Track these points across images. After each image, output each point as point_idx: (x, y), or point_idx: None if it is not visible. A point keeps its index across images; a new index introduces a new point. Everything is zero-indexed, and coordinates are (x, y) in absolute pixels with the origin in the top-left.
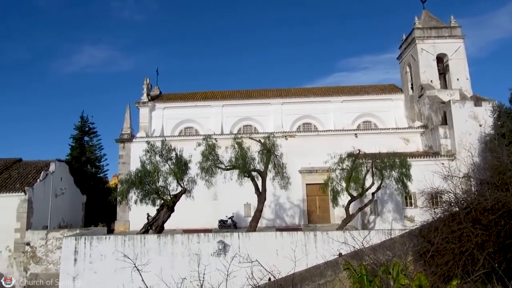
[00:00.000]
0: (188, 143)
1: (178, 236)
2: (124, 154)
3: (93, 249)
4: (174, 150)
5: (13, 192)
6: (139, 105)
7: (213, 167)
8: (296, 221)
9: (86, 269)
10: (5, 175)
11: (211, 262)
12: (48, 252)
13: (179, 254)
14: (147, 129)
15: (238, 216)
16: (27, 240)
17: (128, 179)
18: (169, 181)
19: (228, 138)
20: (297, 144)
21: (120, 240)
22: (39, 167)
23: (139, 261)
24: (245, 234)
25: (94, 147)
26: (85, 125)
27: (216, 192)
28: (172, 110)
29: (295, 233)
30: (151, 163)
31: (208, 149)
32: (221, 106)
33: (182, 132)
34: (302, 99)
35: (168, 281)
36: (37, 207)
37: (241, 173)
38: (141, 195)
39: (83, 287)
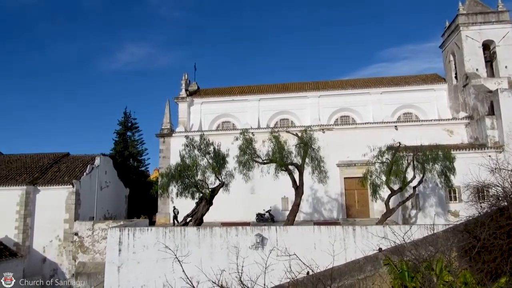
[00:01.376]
0: (225, 137)
1: (216, 228)
2: (164, 148)
3: (136, 240)
4: (212, 144)
5: (62, 184)
6: (178, 101)
7: (250, 161)
8: (334, 215)
9: (130, 259)
10: (54, 168)
11: (249, 254)
12: (95, 242)
13: (218, 246)
14: (186, 124)
15: (276, 209)
16: (75, 230)
17: (168, 172)
18: (207, 175)
19: (265, 132)
20: (334, 137)
21: (161, 231)
22: (85, 161)
23: (180, 253)
24: (283, 228)
25: (136, 141)
26: (128, 121)
27: (254, 185)
28: (209, 105)
29: (334, 227)
30: (190, 157)
31: (245, 143)
32: (258, 100)
33: (220, 127)
34: (339, 91)
35: (208, 272)
36: (84, 199)
37: (278, 167)
38: (181, 188)
39: (127, 276)
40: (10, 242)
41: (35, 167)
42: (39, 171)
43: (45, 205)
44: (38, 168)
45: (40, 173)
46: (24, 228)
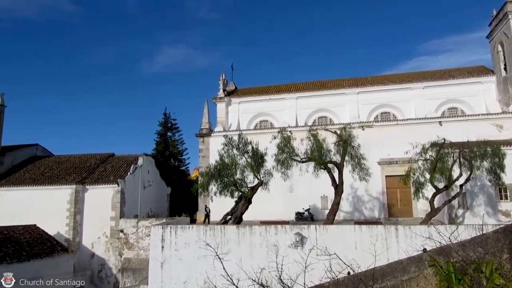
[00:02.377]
0: (263, 136)
1: (256, 227)
2: (204, 148)
3: (178, 237)
4: (250, 143)
5: (108, 184)
6: (216, 101)
7: (288, 159)
8: (375, 214)
9: (172, 256)
10: (101, 168)
11: (289, 253)
12: (139, 239)
13: (257, 245)
14: (224, 124)
15: (315, 208)
16: (121, 227)
17: (207, 172)
18: (246, 173)
19: (303, 130)
20: (375, 134)
21: (202, 229)
22: (129, 161)
23: (220, 250)
24: (322, 227)
25: (176, 141)
26: (168, 121)
27: (292, 184)
28: (247, 104)
29: (375, 226)
30: (229, 157)
31: (283, 141)
32: (295, 99)
33: (258, 126)
34: (379, 87)
35: (248, 270)
36: (128, 198)
37: (317, 165)
38: (220, 187)
39: (170, 272)
40: (61, 238)
41: (83, 167)
42: (87, 171)
43: (93, 203)
44: (86, 168)
45: (88, 173)
46: (74, 225)
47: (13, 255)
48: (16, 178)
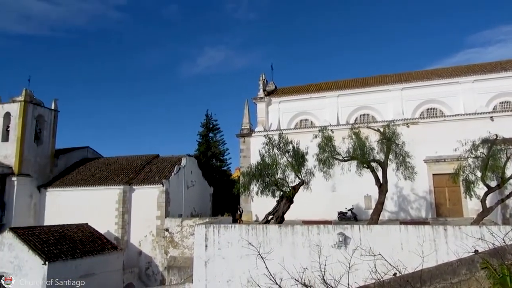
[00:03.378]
0: (304, 135)
1: (298, 227)
2: (245, 148)
3: (220, 236)
4: (291, 142)
5: (153, 184)
6: (256, 101)
7: (330, 158)
8: (422, 214)
9: (215, 254)
10: (146, 169)
11: (332, 253)
12: (183, 237)
13: (300, 245)
14: (264, 123)
15: (358, 208)
16: (166, 226)
17: (249, 171)
18: (287, 173)
19: (344, 129)
20: (420, 131)
21: (244, 229)
22: (173, 161)
23: (262, 249)
24: (366, 227)
25: (218, 142)
26: (209, 122)
27: (335, 183)
28: (287, 103)
29: (422, 227)
30: (270, 156)
31: (324, 140)
32: (336, 96)
33: (298, 125)
34: (424, 82)
35: (290, 270)
36: (173, 198)
37: (359, 164)
38: (262, 187)
39: (213, 271)
40: (111, 237)
41: (130, 168)
42: (133, 172)
43: (139, 203)
44: (132, 169)
45: (135, 174)
46: (122, 224)
47: (68, 252)
48: (69, 179)
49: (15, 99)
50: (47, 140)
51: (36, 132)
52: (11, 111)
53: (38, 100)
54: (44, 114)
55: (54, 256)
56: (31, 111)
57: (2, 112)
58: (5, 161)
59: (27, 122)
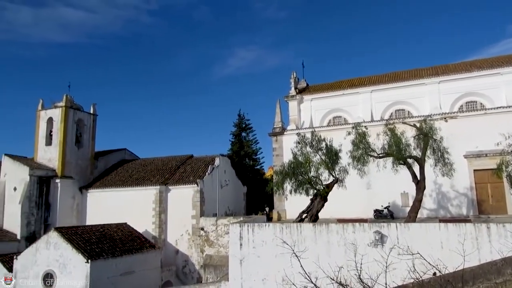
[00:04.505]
0: (337, 133)
1: (332, 225)
2: (277, 146)
3: (255, 235)
4: (323, 140)
5: (188, 184)
6: (288, 99)
7: (364, 155)
8: (463, 211)
9: (250, 253)
10: (181, 169)
11: (368, 252)
12: (218, 236)
13: (335, 243)
14: (296, 122)
15: (395, 206)
16: (201, 225)
17: (282, 170)
18: (320, 171)
19: (379, 125)
20: (459, 126)
21: (278, 227)
22: (206, 161)
23: (297, 248)
24: (404, 225)
25: (250, 141)
26: (242, 122)
27: (370, 181)
28: (319, 101)
29: (463, 224)
30: (302, 154)
31: (358, 137)
32: (370, 92)
33: (331, 122)
34: (463, 74)
35: (325, 268)
36: (207, 197)
37: (395, 161)
38: (295, 185)
39: (249, 269)
40: (149, 235)
41: (165, 169)
42: (168, 172)
43: (175, 202)
44: (167, 170)
45: (170, 174)
46: (159, 223)
47: (108, 251)
48: (108, 180)
49: (56, 105)
50: (87, 143)
51: (76, 135)
52: (54, 116)
53: (78, 105)
54: (84, 118)
55: (96, 255)
56: (72, 116)
57: (45, 118)
58: (49, 164)
59: (68, 126)
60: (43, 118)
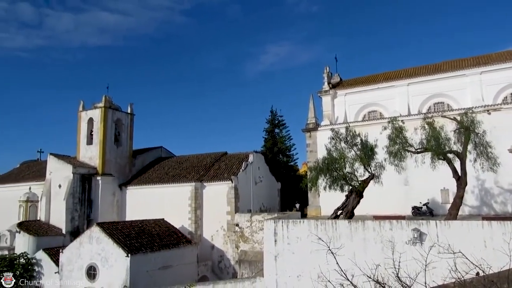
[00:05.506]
0: (372, 128)
1: (369, 222)
2: (311, 142)
3: (289, 231)
4: (358, 135)
5: (223, 181)
6: (321, 94)
7: (401, 150)
8: (508, 209)
9: (285, 249)
10: (215, 166)
11: (406, 250)
12: (253, 232)
13: (371, 240)
14: (330, 117)
15: (434, 202)
16: (236, 221)
17: (316, 166)
18: (355, 167)
19: (417, 119)
20: (504, 118)
21: (313, 224)
22: (240, 158)
23: (332, 245)
24: (444, 223)
25: (284, 138)
26: (275, 118)
27: (407, 177)
28: (353, 95)
29: (509, 222)
30: (337, 150)
31: (395, 132)
32: (406, 85)
33: (366, 117)
34: (508, 64)
35: (362, 266)
36: (242, 193)
37: (434, 156)
38: (329, 181)
39: (283, 266)
40: (185, 231)
41: (200, 166)
42: (203, 169)
43: (210, 199)
44: (202, 167)
45: (205, 171)
46: (195, 219)
47: (147, 246)
48: (145, 177)
49: (96, 106)
50: (125, 142)
51: (115, 135)
52: (94, 116)
53: (116, 105)
54: (122, 118)
55: (136, 249)
56: (111, 116)
57: (86, 118)
58: (90, 162)
59: (108, 126)
60: (84, 118)
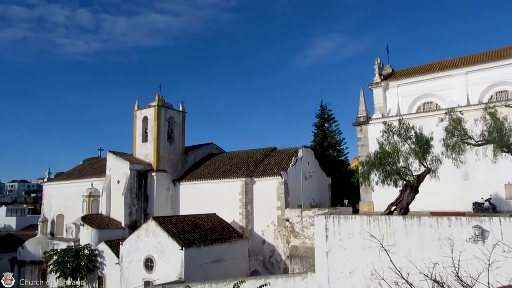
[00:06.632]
0: (427, 120)
1: (425, 218)
2: (362, 136)
3: (341, 227)
4: (412, 128)
5: (272, 176)
6: (372, 86)
7: (460, 143)
8: None
9: (336, 245)
10: (265, 162)
11: (467, 248)
12: (304, 228)
13: (428, 237)
14: (382, 110)
15: (497, 198)
16: (286, 217)
17: (368, 161)
18: (410, 161)
19: (477, 109)
20: None
21: (365, 220)
22: (290, 153)
23: (386, 242)
24: (509, 219)
25: (333, 132)
26: (324, 113)
27: (467, 171)
28: (406, 86)
29: None
30: (389, 144)
31: (452, 123)
32: (465, 74)
33: (420, 109)
34: None
35: (418, 264)
36: (291, 188)
37: (497, 148)
38: (382, 176)
39: (335, 262)
40: (236, 226)
41: (250, 161)
42: (253, 165)
43: (260, 194)
44: (252, 162)
45: (254, 167)
46: (246, 214)
47: (200, 239)
48: (197, 173)
49: (150, 105)
50: (177, 139)
51: (168, 132)
52: (148, 115)
53: (168, 103)
54: (174, 116)
55: (189, 243)
56: (163, 114)
57: (141, 117)
58: (146, 159)
59: (161, 124)
60: (139, 117)
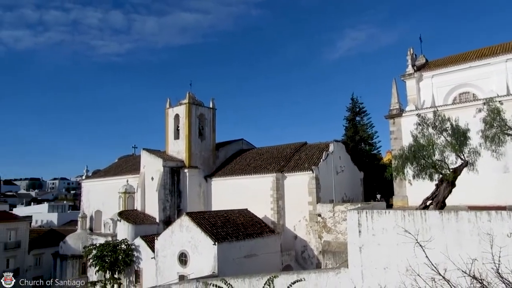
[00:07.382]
0: (464, 111)
1: (463, 212)
2: (395, 129)
3: (374, 222)
4: (448, 120)
5: (303, 171)
6: (405, 78)
7: (500, 134)
8: None
9: (370, 241)
10: (296, 157)
11: (508, 244)
12: (336, 223)
13: (466, 233)
14: (415, 102)
15: None
16: (318, 212)
17: (401, 154)
18: (446, 154)
19: None
20: None
21: (399, 215)
22: (321, 148)
23: (421, 237)
24: None
25: (365, 125)
26: (355, 106)
27: (507, 163)
28: (441, 77)
29: None
30: (424, 136)
31: (491, 114)
32: (504, 61)
33: (456, 99)
34: None
35: (456, 260)
36: (323, 183)
37: None
38: (417, 170)
39: (369, 257)
40: (268, 221)
41: (281, 156)
42: (284, 160)
43: (291, 189)
44: (283, 158)
45: (285, 162)
46: (277, 209)
47: (232, 235)
48: (228, 169)
49: (181, 102)
50: (208, 136)
51: (199, 129)
52: (179, 112)
53: (199, 101)
54: (205, 113)
55: (222, 238)
56: (194, 111)
57: (173, 114)
58: (178, 156)
59: (192, 121)
60: (170, 115)
